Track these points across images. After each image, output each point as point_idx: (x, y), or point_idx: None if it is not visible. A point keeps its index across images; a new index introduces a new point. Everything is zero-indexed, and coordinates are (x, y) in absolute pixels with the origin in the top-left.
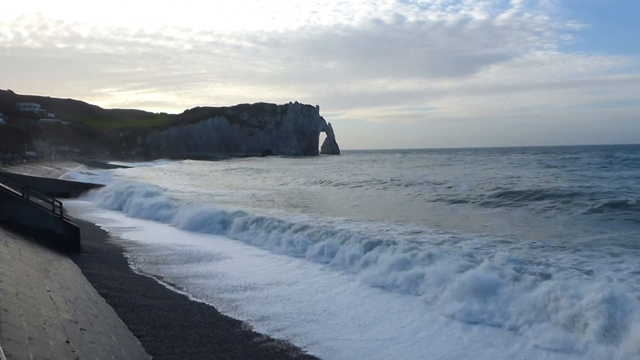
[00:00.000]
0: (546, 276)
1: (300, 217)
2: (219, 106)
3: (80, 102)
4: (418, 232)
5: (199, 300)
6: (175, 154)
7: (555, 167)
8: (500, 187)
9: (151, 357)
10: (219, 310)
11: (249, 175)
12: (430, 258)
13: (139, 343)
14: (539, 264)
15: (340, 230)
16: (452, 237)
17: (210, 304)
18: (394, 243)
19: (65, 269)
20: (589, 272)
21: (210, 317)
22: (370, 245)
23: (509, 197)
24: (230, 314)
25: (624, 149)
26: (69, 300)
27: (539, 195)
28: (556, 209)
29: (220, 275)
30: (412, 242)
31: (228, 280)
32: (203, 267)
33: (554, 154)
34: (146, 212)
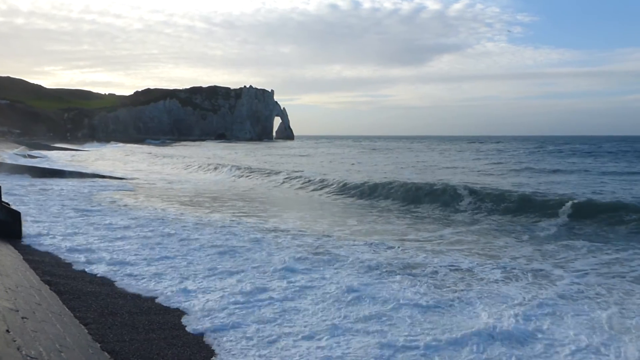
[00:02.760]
0: None
1: None
2: (171, 88)
3: (20, 80)
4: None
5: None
6: (125, 137)
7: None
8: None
9: (98, 345)
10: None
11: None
12: None
13: (86, 331)
14: None
15: None
16: None
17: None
18: None
19: (5, 255)
20: None
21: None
22: None
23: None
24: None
25: (559, 140)
26: (9, 288)
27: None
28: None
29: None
30: None
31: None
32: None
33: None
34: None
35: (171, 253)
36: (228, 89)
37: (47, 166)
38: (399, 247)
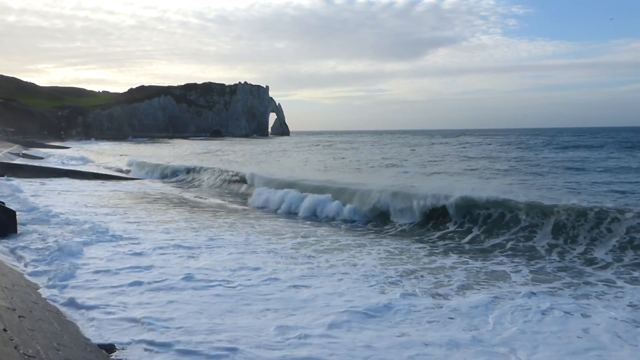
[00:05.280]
0: None
1: None
2: (165, 85)
3: (13, 78)
4: None
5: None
6: (120, 135)
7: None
8: None
9: (96, 343)
10: None
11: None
12: None
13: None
14: None
15: None
16: None
17: None
18: None
19: (0, 254)
20: None
21: None
22: None
23: None
24: None
25: (553, 132)
26: (5, 287)
27: None
28: None
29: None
30: None
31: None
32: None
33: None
34: None
35: None
36: (223, 85)
37: None
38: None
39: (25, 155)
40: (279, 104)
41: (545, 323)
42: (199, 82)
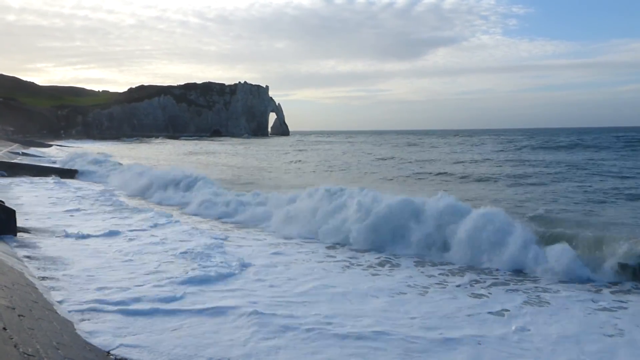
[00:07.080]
0: None
1: None
2: (165, 85)
3: (13, 77)
4: None
5: None
6: (120, 134)
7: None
8: None
9: (95, 342)
10: None
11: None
12: None
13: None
14: None
15: None
16: None
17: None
18: None
19: (0, 253)
20: None
21: None
22: None
23: None
24: None
25: (550, 132)
26: (5, 286)
27: None
28: None
29: None
30: None
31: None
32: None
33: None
34: None
35: None
36: (223, 85)
37: None
38: None
39: (25, 155)
40: (278, 103)
41: None
42: (199, 81)
